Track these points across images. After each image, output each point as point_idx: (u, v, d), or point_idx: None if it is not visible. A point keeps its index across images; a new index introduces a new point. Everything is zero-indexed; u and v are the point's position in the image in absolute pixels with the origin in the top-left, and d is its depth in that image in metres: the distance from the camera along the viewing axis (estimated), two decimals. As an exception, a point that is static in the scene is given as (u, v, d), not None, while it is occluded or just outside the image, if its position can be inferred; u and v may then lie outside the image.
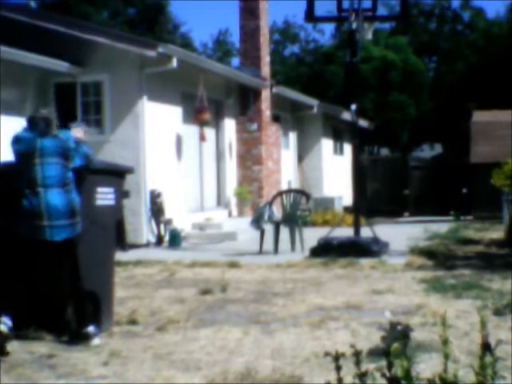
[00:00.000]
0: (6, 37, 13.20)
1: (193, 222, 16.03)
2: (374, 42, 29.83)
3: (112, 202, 6.37)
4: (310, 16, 12.75)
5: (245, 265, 10.73)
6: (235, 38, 58.87)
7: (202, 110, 15.88)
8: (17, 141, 5.85)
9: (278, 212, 14.23)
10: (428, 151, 40.50)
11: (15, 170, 5.82)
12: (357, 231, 12.24)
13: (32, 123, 5.88)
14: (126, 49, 14.11)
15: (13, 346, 5.62)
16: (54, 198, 5.69)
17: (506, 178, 13.34)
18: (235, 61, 43.88)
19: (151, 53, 13.87)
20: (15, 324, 5.73)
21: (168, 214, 14.81)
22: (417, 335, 5.27)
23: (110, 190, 6.35)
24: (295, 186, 21.86)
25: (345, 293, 8.08)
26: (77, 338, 5.80)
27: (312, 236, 12.68)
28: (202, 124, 16.27)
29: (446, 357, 2.68)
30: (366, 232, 12.14)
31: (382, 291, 8.06)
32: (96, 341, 5.77)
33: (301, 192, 14.53)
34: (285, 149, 21.73)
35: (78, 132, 6.18)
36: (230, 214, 18.06)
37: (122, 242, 12.68)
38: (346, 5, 12.18)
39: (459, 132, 26.08)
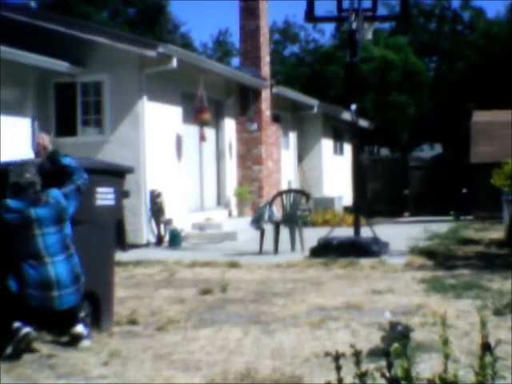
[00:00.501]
0: (6, 37, 13.20)
1: (193, 222, 16.03)
2: (373, 41, 29.83)
3: (112, 202, 6.37)
4: (310, 16, 12.75)
5: (245, 265, 10.72)
6: (235, 38, 58.93)
7: (201, 109, 15.88)
8: (7, 210, 5.66)
9: (278, 212, 14.22)
10: (428, 151, 40.49)
11: (10, 241, 5.69)
12: (357, 231, 12.24)
13: (18, 190, 5.69)
14: (126, 49, 14.11)
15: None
16: (60, 266, 5.66)
17: (506, 178, 13.34)
18: (235, 61, 43.90)
19: (151, 53, 13.87)
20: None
21: (168, 214, 14.81)
22: (417, 335, 5.27)
23: (110, 189, 6.35)
24: (295, 186, 21.85)
25: (345, 293, 8.08)
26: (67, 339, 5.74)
27: (312, 236, 12.68)
28: (202, 124, 16.27)
29: (446, 357, 2.68)
30: (366, 232, 12.14)
31: (382, 291, 8.06)
32: (86, 342, 5.68)
33: (301, 192, 14.53)
34: (285, 149, 21.73)
35: (43, 140, 6.10)
36: (230, 214, 18.05)
37: (122, 242, 12.68)
38: (345, 5, 12.18)
39: (459, 132, 26.07)
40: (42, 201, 5.72)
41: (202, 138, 16.47)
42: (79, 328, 5.70)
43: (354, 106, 12.37)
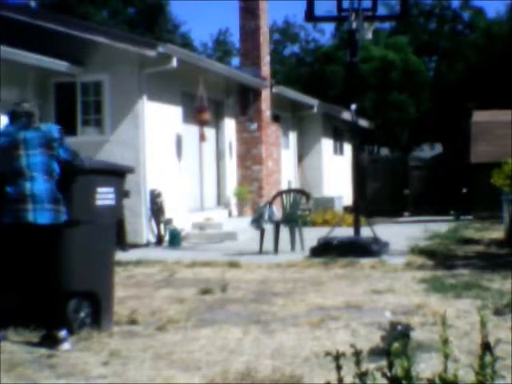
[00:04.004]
0: (6, 37, 13.19)
1: (193, 222, 16.03)
2: (373, 41, 29.82)
3: (112, 202, 6.37)
4: (310, 16, 12.75)
5: (245, 265, 10.73)
6: (235, 38, 58.81)
7: (202, 109, 15.88)
8: None
9: (278, 212, 14.22)
10: (428, 151, 40.48)
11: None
12: (357, 231, 12.24)
13: (14, 117, 5.86)
14: (126, 49, 14.11)
15: (12, 345, 5.62)
16: (38, 183, 5.64)
17: (506, 177, 13.34)
18: (235, 61, 43.88)
19: (151, 53, 13.87)
20: (15, 323, 5.73)
21: (168, 213, 14.81)
22: (417, 335, 5.26)
23: (110, 189, 6.35)
24: (295, 185, 21.85)
25: (345, 292, 8.08)
26: (45, 340, 5.62)
27: (312, 236, 12.68)
28: (202, 124, 16.27)
29: (446, 357, 2.68)
30: (366, 232, 12.14)
31: (382, 291, 8.06)
32: (66, 346, 5.54)
33: (301, 192, 14.53)
34: (285, 149, 21.73)
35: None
36: (230, 214, 18.05)
37: (122, 242, 12.68)
38: (345, 5, 12.17)
39: (459, 132, 26.08)
40: (33, 127, 5.81)
41: (202, 138, 16.47)
42: (61, 332, 5.58)
43: (353, 106, 12.37)
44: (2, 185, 5.64)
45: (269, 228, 12.81)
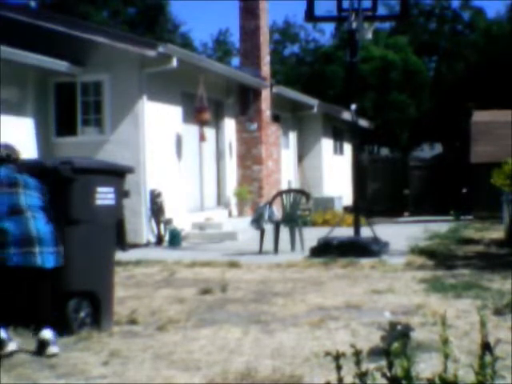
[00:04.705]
0: (6, 37, 13.20)
1: (193, 222, 16.03)
2: (373, 41, 29.81)
3: (112, 202, 6.37)
4: (310, 16, 12.74)
5: (245, 264, 10.73)
6: (235, 38, 58.80)
7: (202, 109, 15.88)
8: None
9: (278, 212, 14.22)
10: (428, 151, 40.47)
11: None
12: (357, 231, 12.24)
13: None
14: (125, 49, 14.11)
15: (12, 345, 5.62)
16: (42, 224, 5.63)
17: (506, 177, 13.34)
18: (235, 61, 43.86)
19: (151, 53, 13.87)
20: (15, 323, 5.73)
21: (168, 213, 14.81)
22: (417, 335, 5.26)
23: (110, 189, 6.35)
24: (295, 185, 21.85)
25: (345, 293, 8.09)
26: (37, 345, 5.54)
27: (312, 236, 12.68)
28: (202, 124, 16.28)
29: (446, 357, 2.68)
30: (366, 232, 12.14)
31: (382, 291, 8.06)
32: (53, 349, 5.45)
33: (301, 192, 14.53)
34: (285, 149, 21.73)
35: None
36: (230, 214, 18.05)
37: (122, 242, 12.68)
38: (345, 5, 12.17)
39: (459, 132, 26.07)
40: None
41: (202, 138, 16.47)
42: (46, 334, 5.50)
43: (353, 106, 12.37)
44: None
45: (269, 228, 12.81)
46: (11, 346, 5.49)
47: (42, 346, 5.48)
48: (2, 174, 5.73)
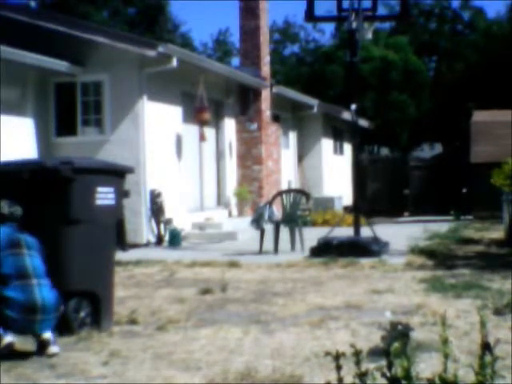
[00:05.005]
0: (6, 37, 13.20)
1: (193, 222, 16.03)
2: (373, 41, 29.80)
3: (112, 202, 6.37)
4: (310, 16, 12.75)
5: (245, 264, 10.73)
6: (235, 38, 58.79)
7: (202, 109, 15.88)
8: None
9: (278, 212, 14.22)
10: (428, 151, 40.47)
11: None
12: (357, 231, 12.24)
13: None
14: (125, 49, 14.11)
15: (9, 338, 5.61)
16: (47, 291, 5.56)
17: (506, 177, 13.34)
18: (235, 61, 43.86)
19: (151, 53, 13.87)
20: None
21: (168, 213, 14.81)
22: (417, 335, 5.27)
23: (110, 189, 6.35)
24: (295, 185, 21.85)
25: (345, 293, 8.09)
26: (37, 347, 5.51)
27: (312, 236, 12.68)
28: (202, 124, 16.28)
29: (446, 356, 2.68)
30: (365, 232, 12.14)
31: (382, 291, 8.06)
32: (54, 349, 5.44)
33: (301, 192, 14.53)
34: (285, 149, 21.73)
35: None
36: (230, 214, 18.05)
37: (122, 242, 12.68)
38: (345, 5, 12.17)
39: (459, 132, 26.07)
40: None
41: (202, 138, 16.47)
42: (46, 334, 5.48)
43: (353, 106, 12.38)
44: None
45: (269, 228, 12.81)
46: (7, 339, 5.44)
47: (43, 345, 5.48)
48: (3, 233, 5.64)
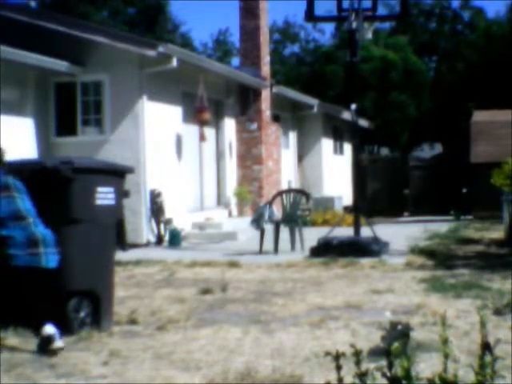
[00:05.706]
0: (6, 37, 13.20)
1: (193, 222, 16.03)
2: (373, 41, 29.81)
3: (112, 202, 6.37)
4: (310, 15, 12.75)
5: (245, 264, 10.73)
6: (235, 38, 58.76)
7: (202, 109, 15.88)
8: None
9: (278, 212, 14.22)
10: (428, 151, 40.47)
11: None
12: (357, 231, 12.24)
13: None
14: (126, 49, 14.11)
15: (12, 345, 5.62)
16: (42, 227, 5.66)
17: (506, 177, 13.34)
18: (235, 61, 43.83)
19: (151, 53, 13.88)
20: (14, 323, 5.72)
21: (168, 213, 14.82)
22: (417, 335, 5.27)
23: (110, 189, 6.35)
24: (295, 185, 21.85)
25: (345, 292, 8.09)
26: (39, 343, 5.51)
27: (312, 236, 12.68)
28: (202, 124, 16.28)
29: (446, 356, 2.68)
30: (365, 232, 12.14)
31: (382, 291, 8.06)
32: (58, 343, 5.43)
33: (301, 192, 14.53)
34: (285, 148, 21.73)
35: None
36: (230, 214, 18.06)
37: (122, 242, 12.68)
38: (345, 4, 12.17)
39: (459, 132, 26.07)
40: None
41: (202, 138, 16.47)
42: (49, 329, 5.47)
43: (353, 106, 12.38)
44: None
45: (269, 228, 12.81)
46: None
47: (47, 341, 5.44)
48: None
